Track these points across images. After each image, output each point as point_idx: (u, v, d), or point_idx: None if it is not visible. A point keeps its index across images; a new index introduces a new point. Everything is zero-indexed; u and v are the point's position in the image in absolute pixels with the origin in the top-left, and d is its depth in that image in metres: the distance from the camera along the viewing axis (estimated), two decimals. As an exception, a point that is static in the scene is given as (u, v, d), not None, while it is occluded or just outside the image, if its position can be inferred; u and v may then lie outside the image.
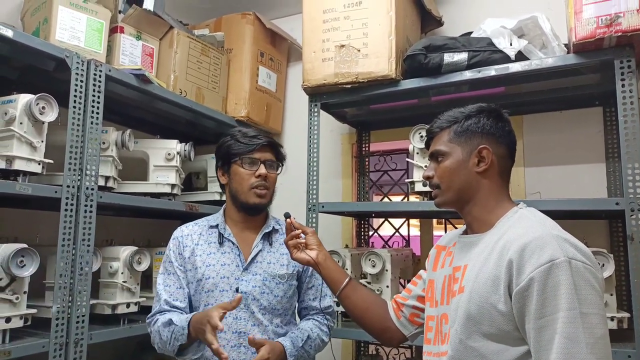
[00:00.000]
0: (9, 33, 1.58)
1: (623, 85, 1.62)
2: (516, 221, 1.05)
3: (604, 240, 2.07)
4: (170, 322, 1.39)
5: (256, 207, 1.51)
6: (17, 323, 1.58)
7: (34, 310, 1.64)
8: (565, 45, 1.81)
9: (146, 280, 2.19)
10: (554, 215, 1.08)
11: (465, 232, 1.17)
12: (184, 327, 1.35)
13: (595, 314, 0.90)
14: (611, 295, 1.67)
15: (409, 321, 1.28)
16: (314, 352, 1.49)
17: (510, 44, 1.83)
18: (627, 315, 1.66)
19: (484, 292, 0.98)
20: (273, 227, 1.57)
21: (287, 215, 1.38)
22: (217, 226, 1.54)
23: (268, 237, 1.55)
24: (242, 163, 1.49)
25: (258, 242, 1.52)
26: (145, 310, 1.67)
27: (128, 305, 1.97)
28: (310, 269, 1.51)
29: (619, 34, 1.57)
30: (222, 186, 1.59)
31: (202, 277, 1.46)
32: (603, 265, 1.64)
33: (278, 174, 1.57)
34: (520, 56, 1.82)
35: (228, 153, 1.51)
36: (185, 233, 1.54)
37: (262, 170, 1.49)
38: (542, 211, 1.10)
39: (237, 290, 1.45)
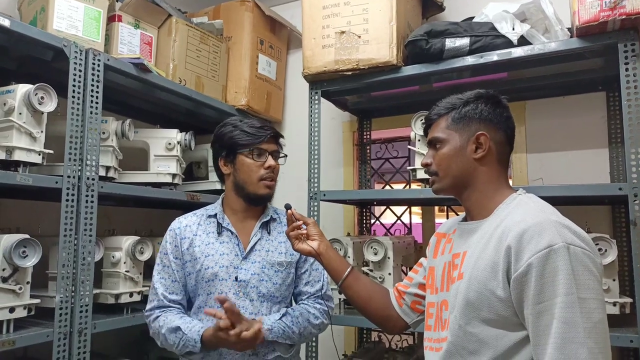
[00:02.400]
0: (6, 23, 1.56)
1: (627, 70, 1.60)
2: (515, 207, 1.04)
3: (606, 226, 2.06)
4: (177, 329, 1.39)
5: (264, 198, 1.51)
6: (20, 313, 1.59)
7: (37, 300, 1.65)
8: (569, 29, 1.78)
9: (149, 270, 2.18)
10: (557, 201, 1.08)
11: (464, 219, 1.16)
12: (197, 341, 1.36)
13: (593, 298, 0.90)
14: (614, 280, 1.67)
15: (411, 309, 1.28)
16: (298, 329, 1.44)
17: (513, 29, 1.81)
18: (629, 300, 1.66)
19: (482, 278, 0.98)
20: (271, 216, 1.57)
21: (287, 207, 1.37)
22: (215, 216, 1.54)
23: (266, 226, 1.55)
24: (252, 155, 1.48)
25: (257, 231, 1.52)
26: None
27: (131, 294, 1.98)
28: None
29: (623, 17, 1.54)
30: (220, 176, 1.58)
31: (202, 267, 1.46)
32: (606, 250, 1.64)
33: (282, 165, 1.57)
34: (523, 41, 1.80)
35: (234, 143, 1.49)
36: (184, 224, 1.53)
37: (271, 162, 1.48)
38: (544, 197, 1.09)
39: (236, 279, 1.45)
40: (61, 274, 1.66)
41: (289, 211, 1.36)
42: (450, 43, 1.87)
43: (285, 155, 1.57)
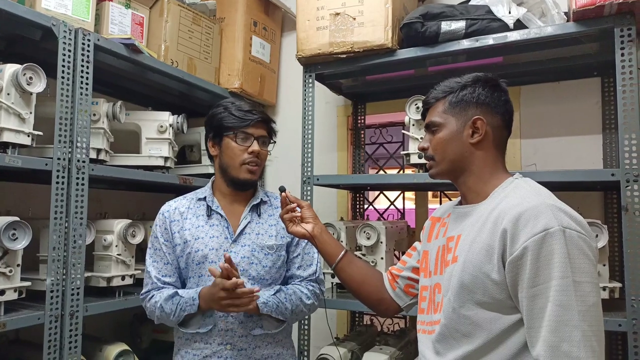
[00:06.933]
0: (-8, 0, 1.52)
1: (622, 55, 1.59)
2: (511, 191, 1.04)
3: (598, 212, 2.08)
4: (174, 295, 1.42)
5: (246, 183, 1.51)
6: (11, 295, 1.58)
7: (28, 283, 1.64)
8: (565, 13, 1.77)
9: (141, 253, 2.18)
10: (550, 186, 1.08)
11: (460, 203, 1.16)
12: (194, 298, 1.38)
13: (588, 282, 0.90)
14: (604, 265, 1.68)
15: (404, 292, 1.29)
16: (291, 306, 1.45)
17: (509, 12, 1.79)
18: (619, 285, 1.68)
19: (477, 262, 0.98)
20: (261, 199, 1.56)
21: (282, 189, 1.36)
22: (205, 199, 1.54)
23: (256, 209, 1.54)
24: (236, 138, 1.47)
25: (246, 214, 1.52)
26: (140, 282, 1.67)
27: (123, 277, 1.97)
28: (297, 238, 1.51)
29: (620, 1, 1.53)
30: (210, 157, 1.58)
31: (192, 249, 1.47)
32: (597, 236, 1.65)
33: (270, 151, 1.56)
34: (519, 25, 1.78)
35: (220, 125, 1.49)
36: (173, 207, 1.54)
37: (256, 147, 1.48)
38: (537, 182, 1.09)
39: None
40: (52, 256, 1.65)
41: (283, 194, 1.35)
42: (446, 26, 1.85)
43: (274, 142, 1.56)
